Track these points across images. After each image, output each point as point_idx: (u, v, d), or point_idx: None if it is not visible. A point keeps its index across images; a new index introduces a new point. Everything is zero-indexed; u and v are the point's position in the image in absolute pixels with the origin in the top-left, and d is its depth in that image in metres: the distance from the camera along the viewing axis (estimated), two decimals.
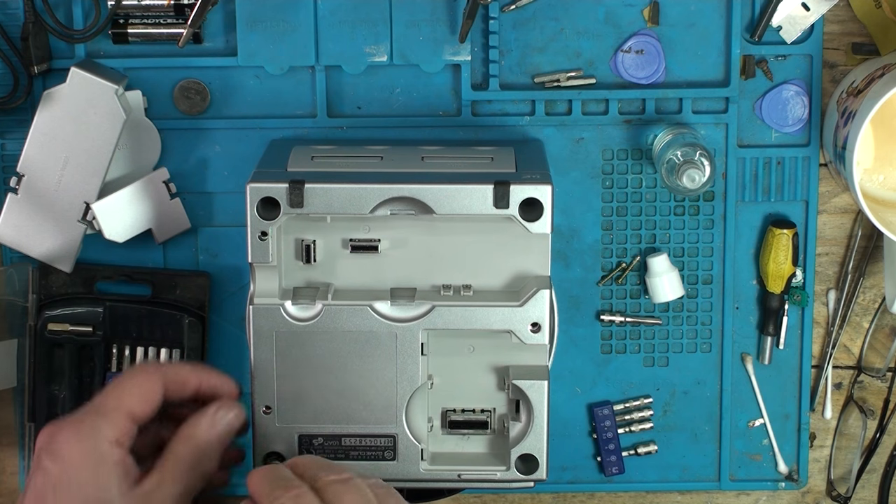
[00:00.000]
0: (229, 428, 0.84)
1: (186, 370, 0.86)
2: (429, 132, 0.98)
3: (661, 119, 0.98)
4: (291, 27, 0.95)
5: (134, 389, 0.82)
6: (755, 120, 0.98)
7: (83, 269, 0.98)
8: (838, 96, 0.96)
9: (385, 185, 0.86)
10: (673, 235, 0.99)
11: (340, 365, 0.87)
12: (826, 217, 1.01)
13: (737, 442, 1.02)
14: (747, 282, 1.00)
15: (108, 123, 0.94)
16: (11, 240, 0.96)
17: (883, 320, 1.02)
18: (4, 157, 0.99)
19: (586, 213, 0.99)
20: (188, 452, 0.82)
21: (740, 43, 0.97)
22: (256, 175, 0.87)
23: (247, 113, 0.98)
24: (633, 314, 1.00)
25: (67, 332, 0.98)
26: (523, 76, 0.98)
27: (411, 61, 0.96)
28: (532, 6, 0.96)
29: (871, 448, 1.03)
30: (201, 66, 0.97)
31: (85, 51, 0.97)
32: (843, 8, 0.97)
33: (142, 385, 0.83)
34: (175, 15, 0.96)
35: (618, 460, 1.02)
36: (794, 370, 1.02)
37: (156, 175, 0.97)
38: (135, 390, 0.82)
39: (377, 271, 0.89)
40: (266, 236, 0.86)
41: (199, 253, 1.00)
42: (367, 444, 0.88)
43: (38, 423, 0.98)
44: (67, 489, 0.78)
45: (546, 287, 0.87)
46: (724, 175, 0.99)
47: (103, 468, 0.79)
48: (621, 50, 0.97)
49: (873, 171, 0.95)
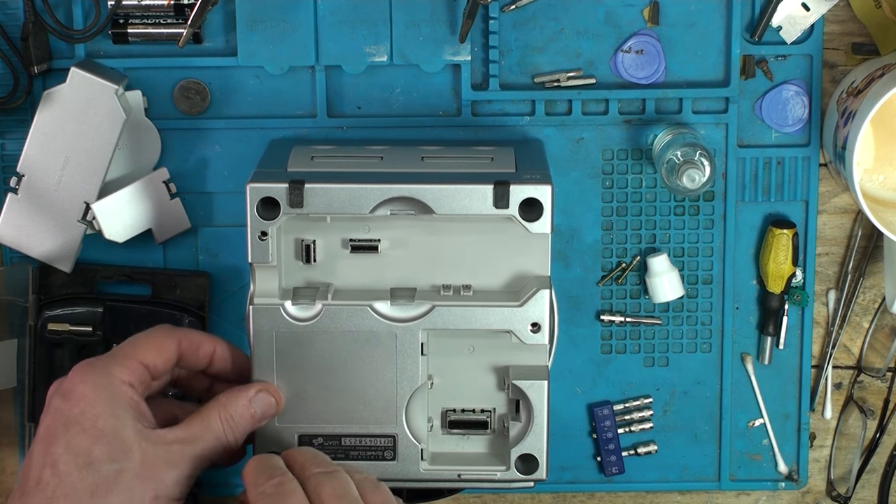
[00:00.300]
0: (264, 412, 0.85)
1: (201, 335, 0.86)
2: (429, 132, 0.98)
3: (661, 119, 0.98)
4: (291, 27, 0.95)
5: (148, 341, 0.82)
6: (755, 120, 0.98)
7: (83, 269, 0.98)
8: (838, 96, 0.96)
9: (385, 185, 0.86)
10: (673, 235, 0.99)
11: (340, 365, 0.87)
12: (826, 217, 1.01)
13: (737, 442, 1.02)
14: (747, 282, 1.00)
15: (108, 123, 0.94)
16: (11, 240, 0.96)
17: (883, 320, 1.02)
18: (4, 157, 0.99)
19: (586, 213, 0.99)
20: (219, 421, 0.81)
21: (740, 43, 0.97)
22: (256, 175, 0.87)
23: (247, 113, 0.98)
24: (633, 314, 1.00)
25: (67, 332, 0.98)
26: (523, 76, 0.98)
27: (411, 61, 0.96)
28: (532, 6, 0.96)
29: (871, 448, 1.03)
30: (201, 66, 0.97)
31: (85, 51, 0.97)
32: (843, 8, 0.97)
33: (156, 338, 0.83)
34: (175, 15, 0.96)
35: (618, 460, 1.02)
36: (794, 370, 1.02)
37: (156, 175, 0.97)
38: (149, 341, 0.82)
39: (377, 271, 0.89)
40: (266, 236, 0.86)
41: (199, 253, 1.00)
42: (366, 444, 0.88)
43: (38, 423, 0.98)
44: (80, 422, 0.76)
45: (546, 287, 0.87)
46: (724, 175, 0.99)
47: (117, 403, 0.78)
48: (621, 50, 0.97)
49: (873, 171, 0.95)
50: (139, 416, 0.78)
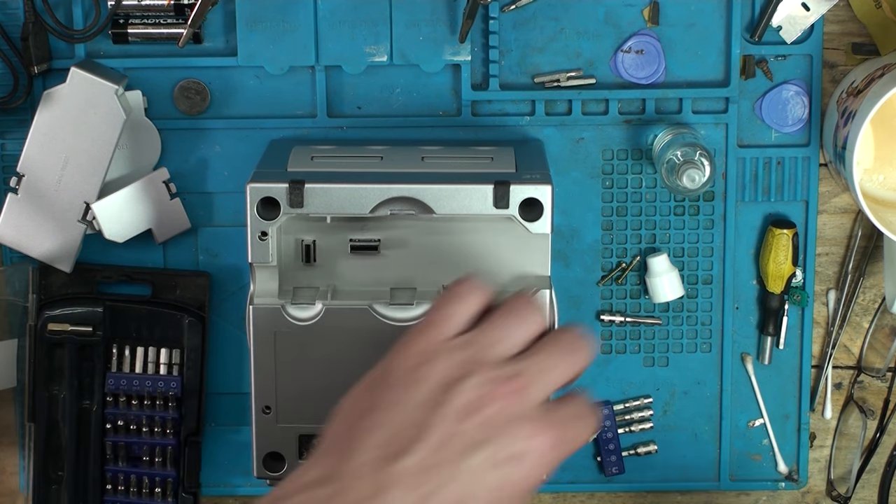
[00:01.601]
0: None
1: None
2: (429, 132, 0.98)
3: (661, 119, 0.98)
4: (291, 27, 0.95)
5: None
6: (755, 120, 0.98)
7: (83, 269, 0.98)
8: (838, 96, 0.96)
9: (385, 185, 0.86)
10: (673, 235, 0.99)
11: (340, 365, 0.87)
12: (826, 217, 1.01)
13: (737, 442, 1.02)
14: (747, 282, 1.00)
15: (108, 123, 0.94)
16: (11, 240, 0.96)
17: (883, 320, 1.02)
18: (4, 157, 0.99)
19: (586, 213, 0.99)
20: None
21: (740, 43, 0.97)
22: (256, 175, 0.87)
23: (247, 113, 0.98)
24: (633, 314, 1.00)
25: (67, 332, 0.98)
26: (523, 76, 0.98)
27: (411, 61, 0.96)
28: (532, 6, 0.96)
29: (871, 448, 1.03)
30: (201, 66, 0.97)
31: (85, 51, 0.97)
32: (843, 8, 0.97)
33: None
34: (175, 15, 0.96)
35: (618, 460, 1.02)
36: (794, 370, 1.02)
37: (156, 175, 0.97)
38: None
39: (377, 271, 0.89)
40: (266, 236, 0.86)
41: (199, 253, 1.00)
42: None
43: (38, 423, 0.99)
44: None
45: (546, 287, 0.87)
46: (724, 175, 0.99)
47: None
48: (621, 50, 0.97)
49: (873, 171, 0.95)
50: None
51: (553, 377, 0.72)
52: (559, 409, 0.71)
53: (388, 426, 0.68)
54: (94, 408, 0.98)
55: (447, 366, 0.70)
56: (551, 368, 0.72)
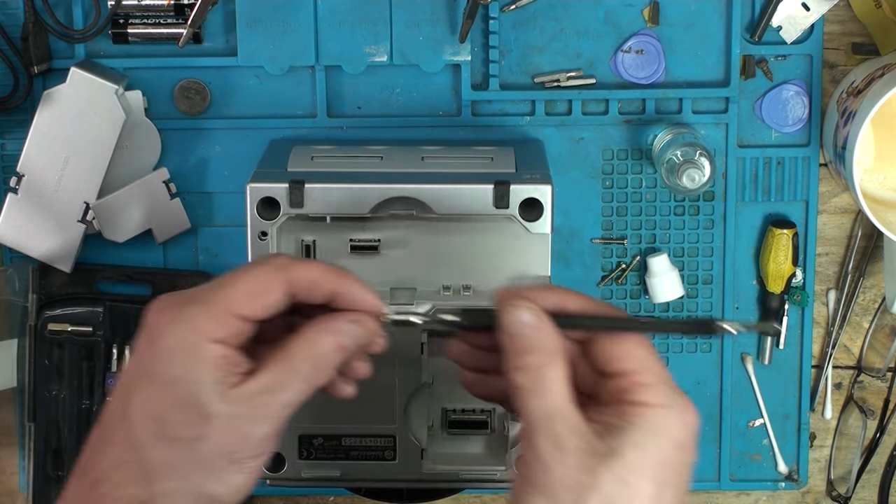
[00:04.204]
0: (355, 342, 0.71)
1: (317, 273, 0.71)
2: (429, 132, 0.98)
3: (661, 119, 0.98)
4: (291, 27, 0.95)
5: (248, 286, 0.70)
6: (755, 120, 0.98)
7: (83, 269, 0.98)
8: (838, 96, 0.96)
9: (385, 185, 0.86)
10: (673, 235, 0.99)
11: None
12: (826, 217, 1.01)
13: (737, 442, 1.02)
14: (747, 282, 1.00)
15: (108, 123, 0.94)
16: (11, 240, 0.96)
17: (883, 320, 1.02)
18: (4, 157, 0.99)
19: (586, 213, 0.99)
20: (304, 359, 0.70)
21: (740, 43, 0.97)
22: (256, 175, 0.87)
23: (247, 113, 0.98)
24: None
25: (67, 332, 0.98)
26: (523, 76, 0.98)
27: (411, 61, 0.96)
28: (532, 6, 0.96)
29: (871, 448, 1.03)
30: (201, 66, 0.97)
31: (85, 51, 0.97)
32: (843, 8, 0.97)
33: (257, 282, 0.70)
34: (175, 15, 0.96)
35: None
36: (794, 370, 1.02)
37: (156, 175, 0.97)
38: (249, 287, 0.70)
39: (377, 271, 0.89)
40: (266, 236, 0.86)
41: (199, 253, 1.00)
42: (367, 444, 0.88)
43: (38, 423, 0.99)
44: (155, 383, 0.68)
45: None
46: (724, 175, 0.99)
47: (197, 366, 0.68)
48: (621, 50, 0.97)
49: (873, 171, 0.95)
50: (223, 376, 0.69)
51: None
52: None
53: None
54: (94, 408, 0.98)
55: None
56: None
